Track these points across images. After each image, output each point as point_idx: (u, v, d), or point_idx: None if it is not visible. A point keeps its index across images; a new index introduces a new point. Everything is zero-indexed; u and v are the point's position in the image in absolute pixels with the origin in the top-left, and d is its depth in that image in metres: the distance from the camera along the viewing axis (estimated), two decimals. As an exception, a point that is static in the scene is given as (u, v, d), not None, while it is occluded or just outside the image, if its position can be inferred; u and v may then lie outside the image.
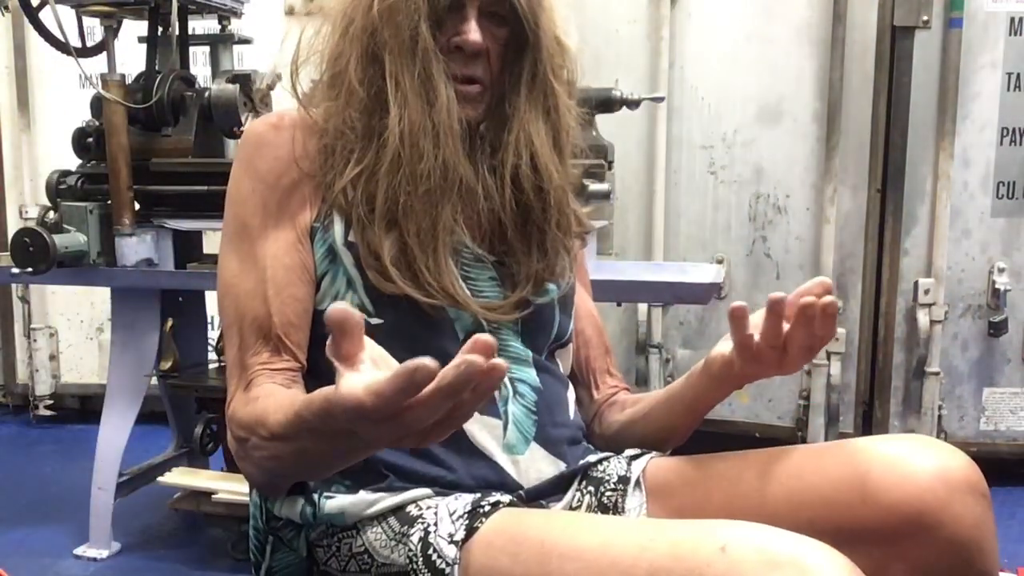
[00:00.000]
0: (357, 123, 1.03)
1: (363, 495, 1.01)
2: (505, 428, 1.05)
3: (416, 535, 0.95)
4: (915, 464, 0.93)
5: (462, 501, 0.97)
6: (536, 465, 1.06)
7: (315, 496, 1.02)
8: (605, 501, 1.10)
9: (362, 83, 1.03)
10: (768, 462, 1.02)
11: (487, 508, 0.95)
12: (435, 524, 0.94)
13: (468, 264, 1.08)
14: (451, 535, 0.92)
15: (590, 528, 0.89)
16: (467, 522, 0.93)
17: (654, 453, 1.13)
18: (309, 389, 1.00)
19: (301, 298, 1.04)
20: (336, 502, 1.01)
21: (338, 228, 1.04)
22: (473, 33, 1.02)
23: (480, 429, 1.04)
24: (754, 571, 0.75)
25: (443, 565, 0.91)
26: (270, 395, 0.97)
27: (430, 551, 0.92)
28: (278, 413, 0.89)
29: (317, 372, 1.04)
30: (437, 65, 1.02)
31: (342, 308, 0.72)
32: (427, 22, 1.01)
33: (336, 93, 1.05)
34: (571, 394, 1.16)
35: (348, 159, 1.03)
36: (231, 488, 2.27)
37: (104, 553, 2.39)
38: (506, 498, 0.99)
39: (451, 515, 0.94)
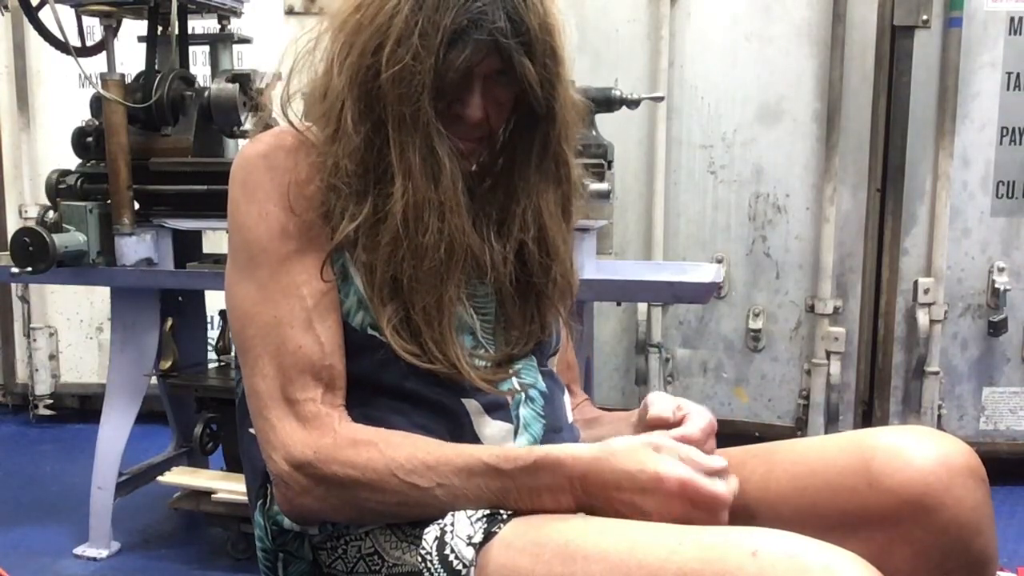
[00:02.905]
0: (352, 178, 0.99)
1: None
2: (516, 432, 1.05)
3: (431, 535, 0.94)
4: (918, 451, 0.95)
5: None
6: None
7: None
8: None
9: (358, 133, 0.99)
10: (772, 451, 1.04)
11: (505, 515, 0.94)
12: (452, 525, 0.94)
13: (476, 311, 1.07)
14: (469, 536, 0.92)
15: (616, 530, 0.89)
16: (485, 525, 0.93)
17: None
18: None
19: (340, 324, 1.02)
20: None
21: (348, 250, 1.02)
22: (475, 109, 1.00)
23: (494, 433, 1.04)
24: None
25: (460, 566, 0.90)
26: (388, 439, 0.97)
27: (447, 551, 0.92)
28: (429, 457, 0.94)
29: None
30: (440, 139, 0.98)
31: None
32: (430, 95, 0.96)
33: (332, 132, 1.01)
34: (567, 398, 1.16)
35: (343, 213, 1.00)
36: (231, 487, 2.27)
37: (104, 553, 2.39)
38: None
39: (469, 517, 0.94)
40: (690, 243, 3.05)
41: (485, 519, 0.93)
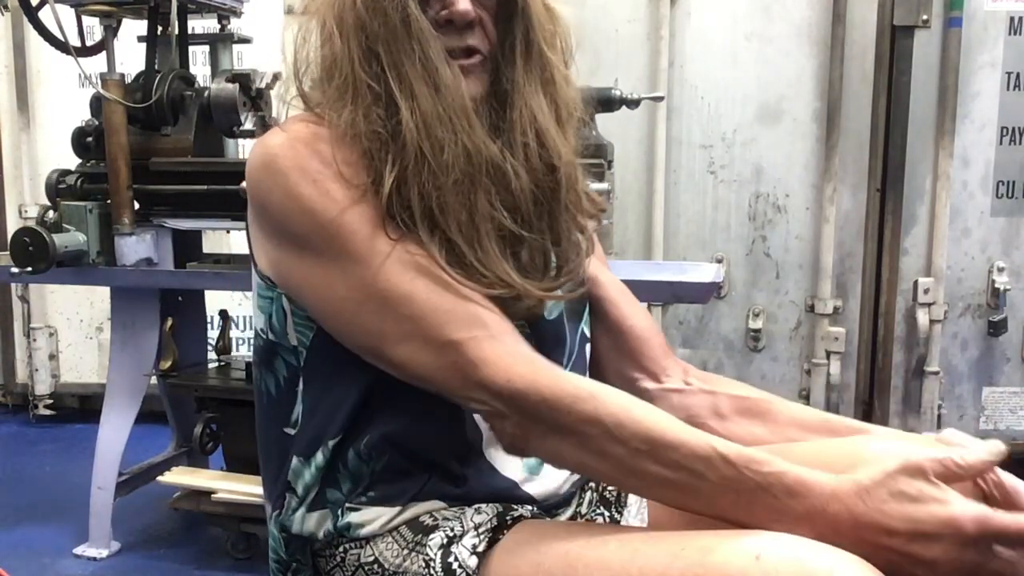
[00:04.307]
0: (384, 120, 0.96)
1: (383, 508, 0.99)
2: None
3: (436, 542, 0.93)
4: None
5: (485, 515, 0.96)
6: (551, 481, 1.05)
7: (338, 510, 1.00)
8: (607, 495, 1.10)
9: (371, 77, 0.97)
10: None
11: (509, 522, 0.94)
12: (458, 535, 0.93)
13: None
14: (474, 547, 0.92)
15: (617, 538, 0.88)
16: (491, 535, 0.92)
17: None
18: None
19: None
20: (361, 515, 0.99)
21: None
22: (460, 3, 0.98)
23: (501, 451, 1.00)
24: None
25: (463, 574, 0.90)
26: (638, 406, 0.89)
27: (451, 559, 0.91)
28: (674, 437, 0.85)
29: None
30: (435, 44, 0.96)
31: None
32: (414, 0, 0.96)
33: (351, 97, 0.98)
34: None
35: (385, 163, 0.96)
36: (231, 487, 2.27)
37: (104, 552, 2.39)
38: (527, 511, 0.99)
39: (477, 528, 0.93)
40: (690, 243, 3.05)
41: (491, 530, 0.93)
